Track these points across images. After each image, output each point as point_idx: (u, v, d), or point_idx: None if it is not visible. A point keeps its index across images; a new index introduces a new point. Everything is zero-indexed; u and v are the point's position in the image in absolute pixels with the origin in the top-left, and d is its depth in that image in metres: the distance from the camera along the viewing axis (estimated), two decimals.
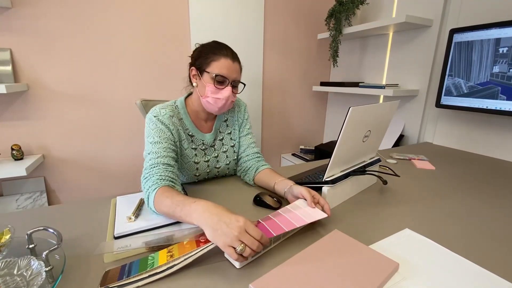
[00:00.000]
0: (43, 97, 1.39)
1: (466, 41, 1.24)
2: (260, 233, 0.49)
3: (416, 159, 1.18)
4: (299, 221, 0.57)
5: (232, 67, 0.78)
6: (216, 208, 0.53)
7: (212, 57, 0.78)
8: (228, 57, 0.77)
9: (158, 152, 0.72)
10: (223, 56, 0.77)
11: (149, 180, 0.67)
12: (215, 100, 0.79)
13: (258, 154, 0.93)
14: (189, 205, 0.55)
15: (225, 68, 0.77)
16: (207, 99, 0.80)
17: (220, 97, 0.79)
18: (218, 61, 0.77)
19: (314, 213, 0.61)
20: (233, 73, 0.79)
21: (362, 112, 0.66)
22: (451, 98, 1.31)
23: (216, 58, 0.77)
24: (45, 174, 1.47)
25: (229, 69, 0.77)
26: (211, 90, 0.78)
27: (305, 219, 0.58)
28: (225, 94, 0.78)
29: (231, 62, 0.78)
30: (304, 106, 2.20)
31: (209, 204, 0.54)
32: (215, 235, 0.49)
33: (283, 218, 0.59)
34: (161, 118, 0.77)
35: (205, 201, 0.55)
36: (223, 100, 0.79)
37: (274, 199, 0.73)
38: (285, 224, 0.56)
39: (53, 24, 1.34)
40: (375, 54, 1.82)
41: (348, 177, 0.75)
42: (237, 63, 0.80)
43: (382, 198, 0.80)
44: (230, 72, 0.78)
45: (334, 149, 0.66)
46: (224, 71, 0.77)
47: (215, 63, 0.77)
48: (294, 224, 0.56)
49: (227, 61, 0.77)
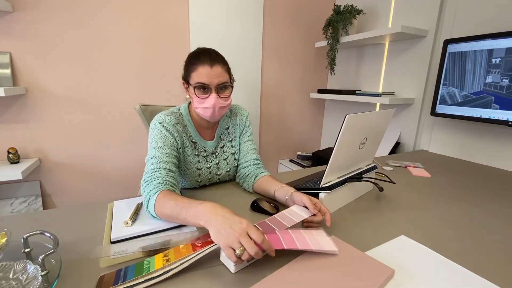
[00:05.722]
0: (41, 100, 1.39)
1: (460, 51, 1.26)
2: (261, 237, 0.48)
3: (412, 167, 1.19)
4: (304, 244, 0.53)
5: (211, 73, 0.75)
6: (223, 209, 0.54)
7: (191, 68, 0.77)
8: (205, 64, 0.75)
9: (160, 157, 0.73)
10: (199, 64, 0.75)
11: (150, 183, 0.67)
12: (204, 110, 0.79)
13: (258, 160, 0.93)
14: (196, 206, 0.56)
15: (204, 75, 0.75)
16: (197, 110, 0.81)
17: (206, 106, 0.78)
18: (196, 71, 0.76)
19: (323, 242, 0.55)
20: (214, 78, 0.75)
21: (358, 119, 0.67)
22: (446, 107, 1.33)
23: (194, 68, 0.76)
24: (41, 178, 1.46)
25: (208, 75, 0.75)
26: (197, 101, 0.78)
27: (311, 245, 0.53)
28: (211, 102, 0.77)
29: (209, 67, 0.75)
30: (302, 113, 2.22)
31: (216, 205, 0.55)
32: (218, 235, 0.49)
33: (288, 236, 0.54)
34: (166, 125, 0.78)
35: (212, 203, 0.56)
36: (210, 109, 0.78)
37: (272, 205, 0.74)
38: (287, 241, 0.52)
39: (53, 28, 1.35)
40: (372, 62, 1.85)
41: (345, 183, 0.76)
42: (218, 66, 0.76)
43: (378, 205, 0.81)
44: (209, 79, 0.75)
45: (331, 156, 0.67)
46: (203, 79, 0.75)
47: (194, 73, 0.76)
48: (296, 244, 0.52)
49: (204, 68, 0.75)
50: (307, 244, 0.52)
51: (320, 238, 0.56)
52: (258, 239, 0.48)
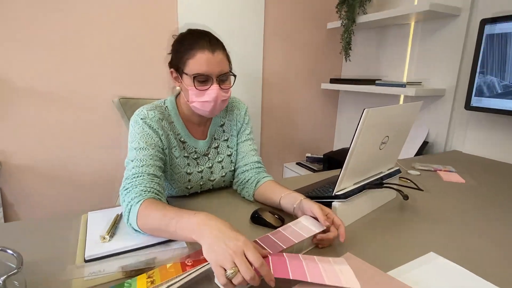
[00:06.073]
0: (3, 94, 1.39)
1: (499, 33, 1.27)
2: (260, 260, 0.47)
3: (442, 171, 1.20)
4: (315, 276, 0.50)
5: (213, 60, 0.76)
6: (219, 222, 0.54)
7: (187, 54, 0.77)
8: (205, 49, 0.75)
9: (143, 160, 0.73)
10: (198, 50, 0.75)
11: (131, 191, 0.67)
12: (202, 104, 0.80)
13: (259, 164, 0.93)
14: (188, 217, 0.56)
15: (204, 64, 0.75)
16: (193, 104, 0.81)
17: (207, 99, 0.78)
18: (193, 58, 0.76)
19: (342, 274, 0.51)
20: (216, 67, 0.77)
21: (379, 114, 0.68)
22: (483, 99, 1.34)
23: (191, 55, 0.76)
24: (1, 185, 1.47)
25: (209, 63, 0.76)
26: (195, 94, 0.79)
27: (325, 278, 0.50)
28: (212, 95, 0.78)
29: (210, 54, 0.75)
30: (311, 107, 2.22)
31: (212, 217, 0.55)
32: (209, 251, 0.49)
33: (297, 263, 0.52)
34: (149, 122, 0.79)
35: (207, 213, 0.56)
36: (211, 103, 0.79)
37: (276, 217, 0.74)
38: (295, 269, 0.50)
39: (20, 10, 1.36)
40: (395, 47, 1.85)
41: (363, 191, 0.76)
42: (219, 52, 0.77)
43: (402, 216, 0.81)
44: (211, 67, 0.76)
45: (346, 158, 0.67)
46: (203, 68, 0.75)
47: (191, 61, 0.76)
48: (306, 275, 0.49)
49: (205, 54, 0.75)
50: (319, 277, 0.50)
51: (338, 268, 0.53)
52: (256, 262, 0.47)
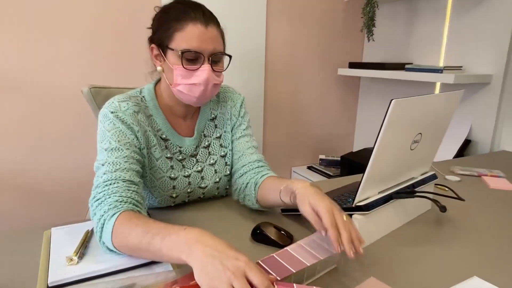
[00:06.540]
0: None
1: None
2: (266, 283, 0.46)
3: (488, 176, 1.19)
4: None
5: (206, 35, 0.76)
6: (215, 239, 0.53)
7: (175, 25, 0.77)
8: (197, 22, 0.76)
9: (116, 163, 0.72)
10: (190, 21, 0.76)
11: (103, 202, 0.67)
12: (190, 88, 0.79)
13: (260, 162, 0.92)
14: (177, 233, 0.55)
15: (195, 38, 0.75)
16: (178, 88, 0.80)
17: (195, 82, 0.78)
18: (183, 30, 0.76)
19: None
20: (209, 44, 0.77)
21: (410, 106, 0.67)
22: None
23: (180, 27, 0.76)
24: None
25: (201, 38, 0.76)
26: (181, 74, 0.78)
27: None
28: (203, 77, 0.77)
29: (203, 28, 0.76)
30: (326, 98, 2.21)
31: (204, 233, 0.54)
32: (201, 273, 0.48)
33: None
34: (121, 115, 0.78)
35: (200, 229, 0.55)
36: (201, 86, 0.78)
37: (282, 232, 0.73)
38: None
39: None
40: (428, 23, 1.84)
41: (390, 201, 0.76)
42: (213, 26, 0.78)
43: (439, 232, 0.80)
44: (203, 43, 0.76)
45: (370, 161, 0.66)
46: (194, 43, 0.75)
47: (179, 34, 0.76)
48: None
49: (197, 27, 0.75)
50: None
51: None
52: (261, 286, 0.46)
